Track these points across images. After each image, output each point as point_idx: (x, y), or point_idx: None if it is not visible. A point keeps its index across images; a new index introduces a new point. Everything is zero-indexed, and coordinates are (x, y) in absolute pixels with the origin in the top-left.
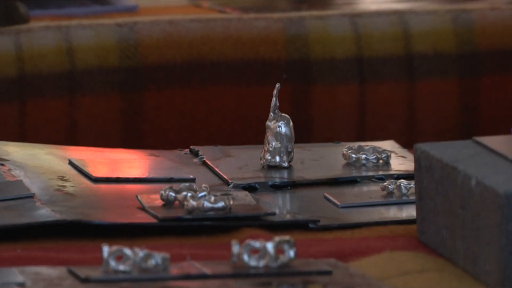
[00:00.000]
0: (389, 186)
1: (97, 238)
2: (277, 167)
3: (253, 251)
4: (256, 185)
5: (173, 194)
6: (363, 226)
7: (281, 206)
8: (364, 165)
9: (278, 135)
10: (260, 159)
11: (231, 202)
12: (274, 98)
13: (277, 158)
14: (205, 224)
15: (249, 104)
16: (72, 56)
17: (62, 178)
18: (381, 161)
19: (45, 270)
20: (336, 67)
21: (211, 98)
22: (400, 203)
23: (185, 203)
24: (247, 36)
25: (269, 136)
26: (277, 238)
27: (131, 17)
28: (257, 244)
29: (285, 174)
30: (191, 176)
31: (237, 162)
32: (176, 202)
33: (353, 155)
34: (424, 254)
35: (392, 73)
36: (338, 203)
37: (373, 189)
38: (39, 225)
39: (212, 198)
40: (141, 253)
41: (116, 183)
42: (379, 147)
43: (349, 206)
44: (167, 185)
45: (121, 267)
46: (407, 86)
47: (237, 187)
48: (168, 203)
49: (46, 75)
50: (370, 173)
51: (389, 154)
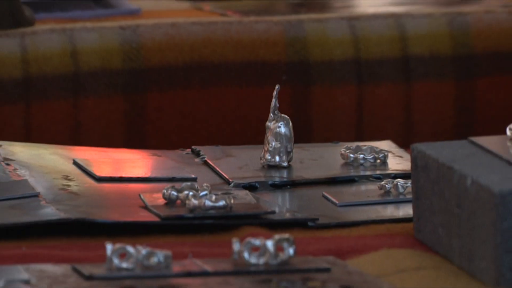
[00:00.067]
0: (386, 185)
1: (100, 236)
2: (277, 167)
3: (254, 249)
4: (256, 184)
5: (175, 193)
6: (361, 225)
7: (280, 205)
8: (362, 164)
9: (277, 135)
10: (260, 159)
11: (232, 201)
12: (274, 99)
13: (277, 158)
14: (206, 223)
15: (249, 105)
16: (76, 59)
17: (66, 178)
18: (378, 160)
19: (49, 268)
20: (334, 69)
21: (212, 99)
22: (397, 202)
23: (187, 202)
24: (247, 38)
25: (269, 136)
26: (277, 236)
27: (134, 20)
28: (257, 242)
29: (284, 173)
30: (193, 176)
31: (238, 162)
32: (178, 201)
33: (351, 155)
34: (421, 252)
35: (389, 75)
36: (337, 202)
37: (371, 188)
38: (44, 224)
39: (213, 197)
40: (143, 251)
41: (119, 183)
42: (377, 147)
43: (347, 205)
44: (169, 184)
45: (124, 265)
46: (404, 88)
47: (238, 186)
48: (170, 202)
49: (51, 77)
50: (368, 173)
51: (386, 154)
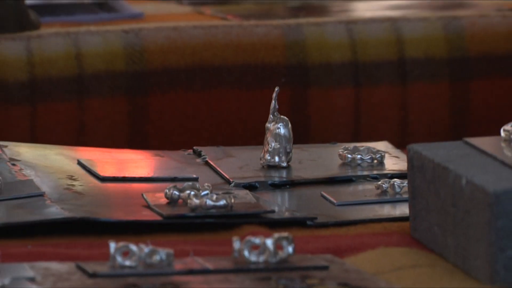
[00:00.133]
0: (383, 185)
1: (104, 235)
2: (276, 167)
3: (253, 247)
4: (256, 184)
5: (177, 193)
6: (358, 223)
7: (280, 204)
8: (359, 165)
9: (277, 136)
10: (260, 159)
11: (232, 200)
12: (273, 101)
13: (276, 158)
14: (207, 221)
15: (249, 106)
16: (81, 61)
17: (71, 178)
18: (375, 161)
19: (54, 266)
20: (332, 71)
21: (213, 101)
22: (393, 201)
23: (189, 201)
24: (247, 42)
25: (269, 137)
26: (276, 235)
27: (136, 24)
28: (257, 240)
29: (284, 173)
30: (194, 176)
31: (238, 162)
32: (180, 200)
33: (349, 155)
34: (417, 250)
35: (386, 77)
36: (335, 201)
37: (368, 188)
38: (49, 223)
39: (214, 197)
40: (146, 249)
41: (122, 182)
42: (374, 148)
43: (345, 204)
44: (171, 184)
45: (127, 263)
46: (400, 90)
47: (238, 186)
48: (172, 201)
49: (56, 79)
50: (365, 173)
51: (383, 154)
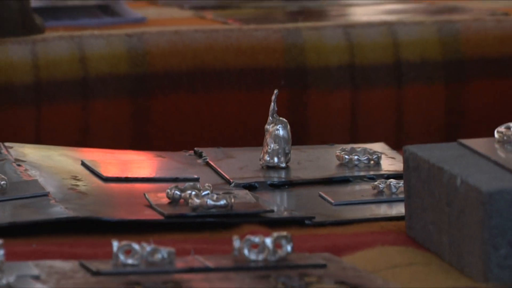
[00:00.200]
0: (380, 185)
1: (107, 234)
2: (275, 168)
3: (253, 246)
4: (256, 184)
5: (178, 193)
6: (356, 223)
7: (279, 204)
8: (356, 165)
9: (276, 138)
10: (260, 160)
11: (233, 200)
12: (272, 103)
13: (275, 159)
14: (208, 221)
15: (249, 108)
16: (85, 64)
17: (75, 178)
18: (372, 162)
19: (58, 264)
20: (330, 74)
21: (214, 103)
22: (390, 201)
23: (190, 201)
24: (247, 45)
25: (268, 139)
26: (275, 234)
27: (139, 28)
28: (256, 239)
29: (282, 174)
30: (195, 176)
31: (238, 163)
32: (181, 200)
33: (346, 156)
34: (413, 249)
35: (382, 79)
36: (332, 201)
37: (365, 188)
38: (53, 222)
39: (215, 196)
40: (148, 247)
41: (125, 183)
42: (370, 149)
43: (342, 204)
44: (172, 184)
45: (130, 261)
46: (396, 92)
47: (238, 186)
48: (173, 201)
49: (61, 81)
50: (362, 173)
51: (379, 155)
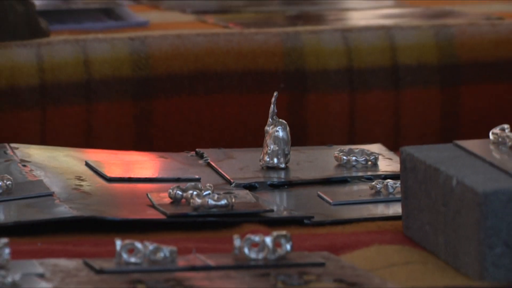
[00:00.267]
0: (377, 186)
1: (110, 233)
2: (275, 168)
3: (253, 245)
4: (256, 185)
5: (180, 193)
6: (353, 222)
7: (278, 203)
8: (354, 166)
9: (276, 139)
10: (260, 161)
11: (233, 200)
12: (272, 105)
13: (275, 160)
14: (209, 220)
15: (249, 110)
16: (89, 67)
17: (79, 178)
18: (369, 162)
19: (63, 262)
20: (328, 77)
21: (215, 105)
22: (387, 201)
23: (191, 200)
24: (248, 49)
25: (268, 140)
26: (275, 233)
27: (142, 31)
28: (256, 238)
29: (282, 174)
30: (197, 176)
31: (239, 163)
32: (183, 200)
33: (344, 157)
34: (409, 248)
35: (380, 82)
36: (331, 201)
37: (363, 188)
38: (57, 221)
39: (216, 196)
40: (150, 246)
41: (128, 183)
42: (368, 150)
43: (341, 204)
44: (174, 184)
45: (133, 259)
46: (393, 95)
47: (239, 186)
48: (175, 200)
49: (65, 84)
50: (360, 174)
51: (377, 156)
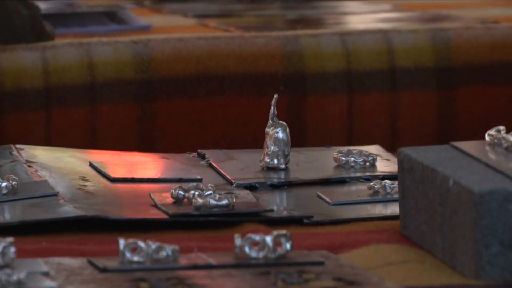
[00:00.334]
0: (375, 186)
1: (114, 232)
2: (275, 169)
3: (254, 244)
4: (257, 185)
5: (182, 193)
6: (352, 222)
7: (278, 203)
8: (352, 167)
9: (276, 140)
10: (260, 162)
11: (234, 200)
12: (272, 107)
13: (275, 161)
14: (210, 220)
15: (250, 112)
16: (93, 70)
17: (83, 178)
18: (367, 163)
19: (67, 261)
20: (327, 80)
21: (216, 107)
22: (385, 201)
23: (193, 200)
24: (248, 52)
25: (268, 141)
26: (275, 232)
27: (145, 35)
28: (257, 237)
29: (282, 175)
30: (199, 177)
31: (240, 164)
32: (185, 200)
33: (343, 158)
34: (407, 247)
35: (377, 85)
36: (330, 201)
37: (361, 188)
38: (62, 221)
39: (217, 196)
40: (153, 245)
41: (131, 183)
42: (366, 151)
43: (339, 204)
44: (177, 185)
45: (136, 258)
46: (390, 97)
47: (240, 186)
48: (177, 200)
49: (70, 86)
50: (358, 174)
51: (375, 157)
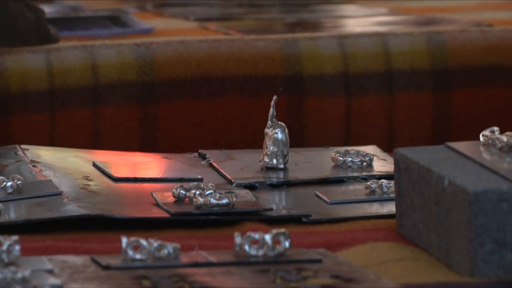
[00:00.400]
0: (372, 185)
1: (117, 231)
2: (274, 169)
3: (253, 242)
4: (256, 184)
5: (183, 192)
6: (349, 220)
7: (277, 202)
8: (350, 167)
9: (275, 141)
10: (260, 161)
11: (234, 199)
12: (271, 109)
13: (274, 161)
14: (211, 218)
15: (250, 113)
16: (96, 72)
17: (87, 178)
18: (364, 163)
19: (71, 259)
20: (325, 81)
21: (216, 109)
22: (381, 200)
23: (194, 200)
24: (248, 54)
25: (267, 142)
26: (274, 231)
27: (147, 38)
28: (256, 236)
29: (281, 174)
30: (199, 176)
31: (240, 164)
32: (186, 199)
33: (340, 158)
34: (403, 245)
35: (374, 87)
36: (327, 200)
37: (358, 188)
38: (66, 219)
39: (218, 196)
40: (155, 243)
41: (134, 183)
42: (363, 151)
43: (337, 203)
44: (178, 184)
45: (138, 256)
46: (387, 99)
47: (239, 186)
48: (179, 200)
49: (73, 88)
50: (355, 174)
51: (371, 157)
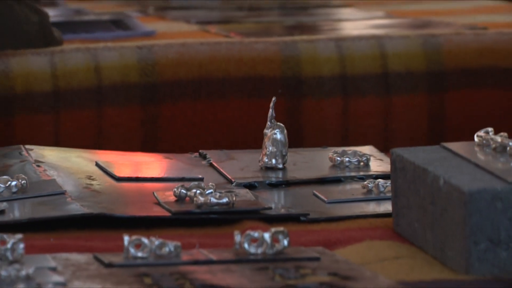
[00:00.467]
0: (369, 185)
1: (119, 229)
2: (273, 168)
3: (253, 240)
4: (256, 184)
5: (184, 191)
6: (347, 219)
7: (276, 201)
8: (347, 166)
9: (274, 141)
10: (259, 161)
11: (234, 198)
12: (270, 110)
13: (273, 161)
14: (211, 217)
15: (249, 114)
16: (99, 74)
17: (89, 178)
18: (361, 163)
19: (74, 257)
20: (323, 83)
21: (217, 110)
22: (378, 199)
23: (195, 199)
24: (248, 56)
25: (267, 142)
26: (273, 229)
27: (149, 40)
28: (256, 234)
29: (280, 174)
30: (200, 176)
31: (239, 164)
32: (187, 198)
33: (338, 158)
34: (399, 243)
35: (371, 89)
36: (325, 199)
37: (355, 187)
38: (69, 218)
39: (218, 195)
40: (156, 242)
41: (136, 182)
42: (360, 151)
43: (335, 202)
44: (179, 184)
45: (140, 254)
46: (383, 100)
47: (239, 185)
48: (180, 199)
49: (77, 90)
50: (353, 174)
51: (368, 157)
